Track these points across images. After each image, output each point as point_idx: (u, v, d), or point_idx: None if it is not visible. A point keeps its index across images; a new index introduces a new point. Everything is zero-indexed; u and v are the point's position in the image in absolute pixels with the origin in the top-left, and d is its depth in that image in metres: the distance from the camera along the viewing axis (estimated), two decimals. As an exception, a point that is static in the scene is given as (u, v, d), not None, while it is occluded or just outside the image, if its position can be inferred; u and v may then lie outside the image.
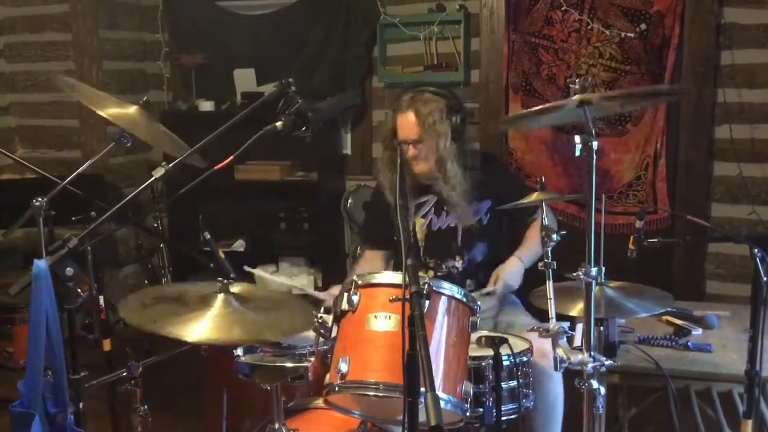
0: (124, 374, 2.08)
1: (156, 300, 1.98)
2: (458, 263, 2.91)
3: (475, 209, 2.90)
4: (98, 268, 2.59)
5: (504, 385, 2.18)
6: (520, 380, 2.24)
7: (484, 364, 2.17)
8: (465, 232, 2.91)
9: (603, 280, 2.20)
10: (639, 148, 3.97)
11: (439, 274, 2.91)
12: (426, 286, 1.74)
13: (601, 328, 2.36)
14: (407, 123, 2.82)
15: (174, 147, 2.33)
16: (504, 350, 2.14)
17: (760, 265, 2.01)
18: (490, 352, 2.13)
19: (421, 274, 2.07)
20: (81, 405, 1.86)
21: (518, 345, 2.29)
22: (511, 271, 2.78)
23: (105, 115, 2.23)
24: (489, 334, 2.26)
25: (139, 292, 2.08)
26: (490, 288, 2.76)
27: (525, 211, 2.91)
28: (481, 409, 2.15)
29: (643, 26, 3.87)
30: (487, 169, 2.94)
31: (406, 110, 2.84)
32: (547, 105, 1.99)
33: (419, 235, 2.94)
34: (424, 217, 2.94)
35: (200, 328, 1.81)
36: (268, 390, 1.97)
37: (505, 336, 2.21)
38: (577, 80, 1.86)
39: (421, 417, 1.36)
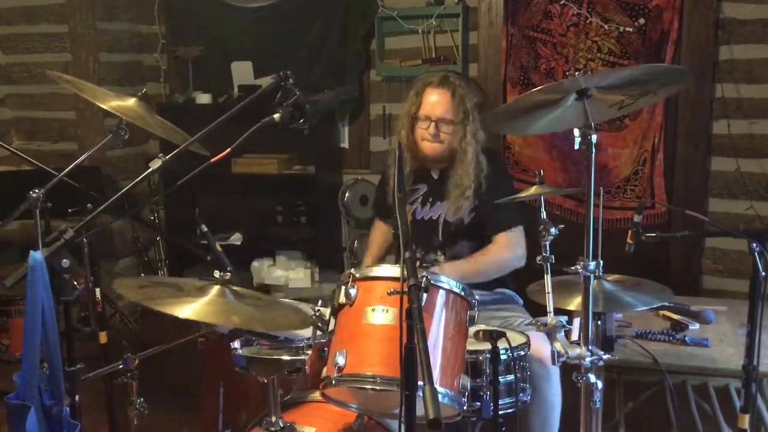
0: (120, 367, 2.07)
1: (153, 283, 1.98)
2: (441, 258, 2.89)
3: (467, 206, 2.86)
4: (94, 261, 2.58)
5: (501, 379, 2.18)
6: (518, 374, 2.23)
7: (481, 358, 2.17)
8: (445, 227, 2.88)
9: (601, 274, 2.20)
10: (637, 143, 3.97)
11: (424, 266, 2.89)
12: (424, 279, 1.73)
13: (599, 322, 2.36)
14: (441, 100, 2.79)
15: (176, 136, 2.32)
16: (502, 344, 2.13)
17: (758, 260, 2.01)
18: (487, 346, 2.13)
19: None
20: (77, 397, 1.86)
21: (516, 339, 2.29)
22: (454, 273, 2.63)
23: (107, 108, 2.21)
24: (487, 328, 2.26)
25: (136, 278, 2.09)
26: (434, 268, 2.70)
27: (495, 220, 2.86)
28: (478, 403, 2.15)
29: (641, 21, 3.87)
30: (488, 167, 2.89)
31: (439, 86, 2.80)
32: (537, 89, 1.94)
33: None
34: (410, 204, 2.92)
35: (194, 308, 1.82)
36: (265, 383, 1.97)
37: (502, 330, 2.21)
38: (576, 74, 1.85)
39: (419, 410, 1.36)
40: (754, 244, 2.02)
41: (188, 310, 1.80)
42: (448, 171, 2.87)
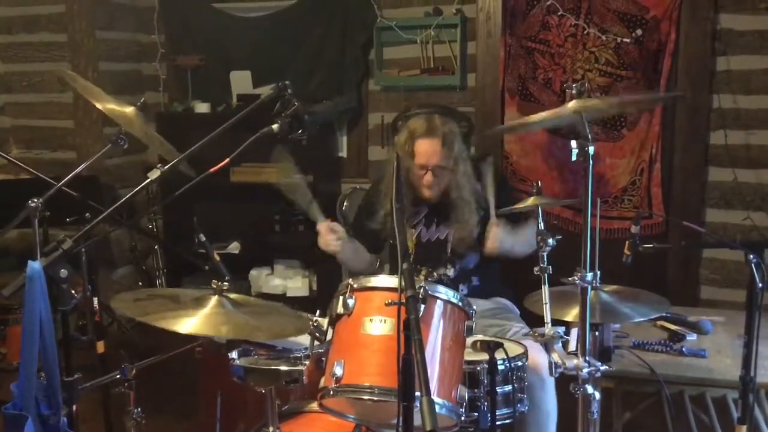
0: (118, 376, 2.07)
1: (150, 296, 1.98)
2: (449, 271, 2.89)
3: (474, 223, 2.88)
4: (92, 270, 2.58)
5: (499, 389, 2.18)
6: (515, 385, 2.23)
7: (479, 368, 2.16)
8: (455, 244, 2.89)
9: (598, 285, 2.20)
10: (634, 153, 3.98)
11: (429, 280, 2.88)
12: (422, 290, 1.73)
13: (596, 332, 2.36)
14: (432, 149, 2.78)
15: (166, 152, 2.32)
16: (499, 355, 2.13)
17: (755, 271, 2.01)
18: (485, 356, 2.13)
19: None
20: (74, 407, 1.86)
21: (513, 349, 2.29)
22: (500, 236, 2.74)
23: (103, 110, 2.21)
24: (484, 338, 2.26)
25: (133, 291, 2.09)
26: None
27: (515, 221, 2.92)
28: (476, 414, 2.14)
29: (639, 32, 3.88)
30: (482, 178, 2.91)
31: (429, 136, 2.79)
32: (544, 114, 1.97)
33: (408, 245, 2.91)
34: (414, 227, 2.92)
35: (191, 323, 1.81)
36: (263, 393, 1.97)
37: (500, 341, 2.21)
38: (573, 85, 1.86)
39: (417, 421, 1.35)
40: (752, 256, 2.02)
41: (187, 324, 1.80)
42: (446, 200, 2.88)
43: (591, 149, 1.80)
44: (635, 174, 4.00)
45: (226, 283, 2.00)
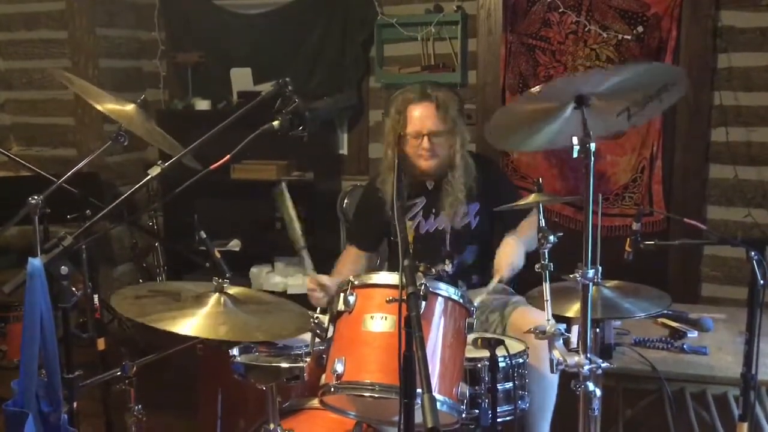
0: (119, 373, 2.07)
1: (151, 293, 1.99)
2: (448, 267, 2.87)
3: (464, 211, 2.86)
4: (93, 267, 2.58)
5: (500, 386, 2.18)
6: (516, 382, 2.23)
7: (480, 365, 2.17)
8: (453, 235, 2.87)
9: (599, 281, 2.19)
10: (635, 151, 3.98)
11: (428, 277, 2.87)
12: (423, 287, 1.73)
13: (597, 330, 2.36)
14: (427, 113, 2.72)
15: (168, 146, 2.32)
16: (500, 352, 2.13)
17: (756, 268, 2.01)
18: (486, 353, 2.13)
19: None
20: (75, 404, 1.86)
21: (514, 347, 2.29)
22: (512, 254, 2.66)
23: (103, 110, 2.22)
24: (485, 335, 2.25)
25: (134, 286, 2.09)
26: (496, 281, 2.63)
27: (518, 214, 2.88)
28: (476, 411, 2.15)
29: (640, 29, 3.88)
30: (479, 171, 2.88)
31: (422, 100, 2.74)
32: (532, 90, 1.89)
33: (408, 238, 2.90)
34: (411, 219, 2.90)
35: (191, 324, 1.81)
36: (264, 390, 1.96)
37: (501, 338, 2.21)
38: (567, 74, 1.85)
39: (417, 418, 1.35)
40: (753, 253, 2.02)
41: (187, 325, 1.80)
42: (442, 180, 2.85)
43: (592, 146, 1.79)
44: (636, 171, 3.99)
45: (226, 282, 2.00)
